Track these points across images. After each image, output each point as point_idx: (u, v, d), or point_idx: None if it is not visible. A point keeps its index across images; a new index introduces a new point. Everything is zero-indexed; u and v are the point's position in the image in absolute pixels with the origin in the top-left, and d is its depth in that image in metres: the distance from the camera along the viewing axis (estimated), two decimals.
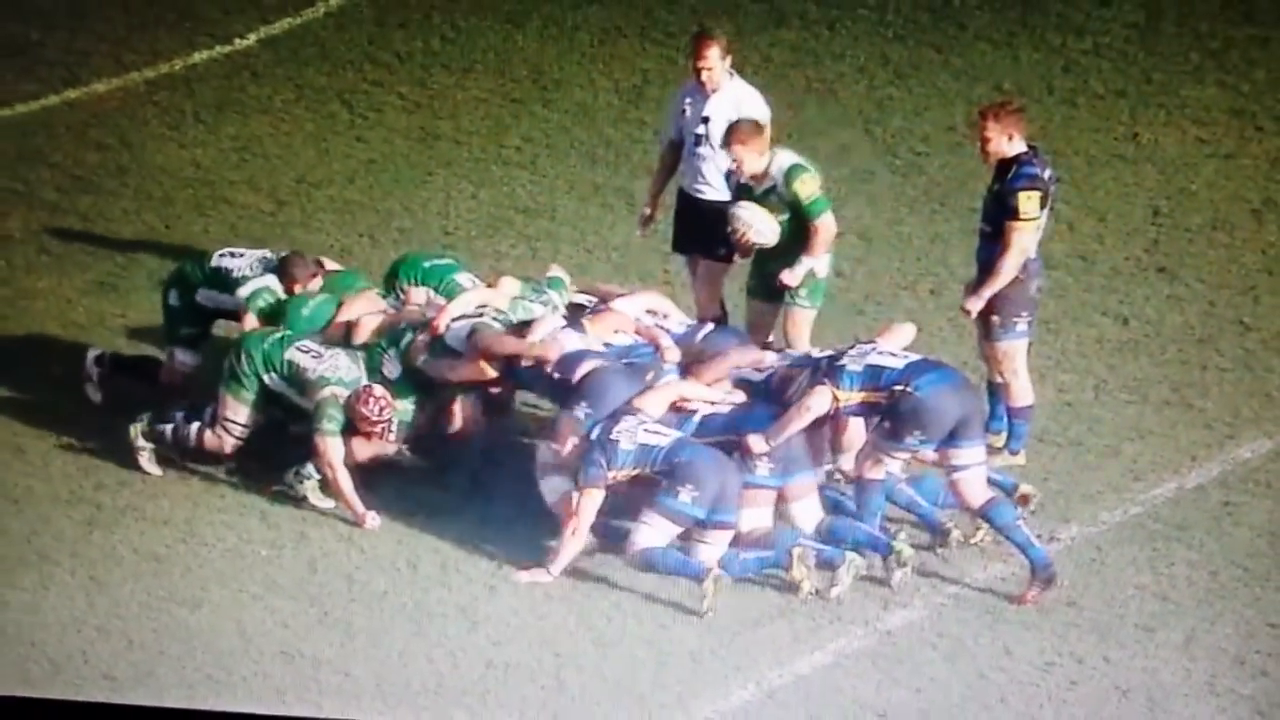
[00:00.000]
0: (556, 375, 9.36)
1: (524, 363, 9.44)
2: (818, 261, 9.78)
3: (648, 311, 9.74)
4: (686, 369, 9.46)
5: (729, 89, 10.20)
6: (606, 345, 9.53)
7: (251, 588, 9.18)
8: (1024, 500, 9.37)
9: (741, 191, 9.81)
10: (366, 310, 9.78)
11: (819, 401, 8.99)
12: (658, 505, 8.98)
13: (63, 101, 12.38)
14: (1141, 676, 8.74)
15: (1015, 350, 9.63)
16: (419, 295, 9.88)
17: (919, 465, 9.37)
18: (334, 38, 12.86)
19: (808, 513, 9.22)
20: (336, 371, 9.55)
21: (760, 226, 9.69)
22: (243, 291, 9.84)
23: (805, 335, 9.88)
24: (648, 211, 10.40)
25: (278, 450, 9.73)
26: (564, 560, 9.13)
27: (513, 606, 9.07)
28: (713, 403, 9.26)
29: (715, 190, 10.14)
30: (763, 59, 12.60)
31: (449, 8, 13.02)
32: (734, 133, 9.72)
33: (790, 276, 9.75)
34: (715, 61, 10.15)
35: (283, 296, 9.82)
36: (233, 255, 10.04)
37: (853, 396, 8.99)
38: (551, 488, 9.22)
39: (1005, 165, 9.44)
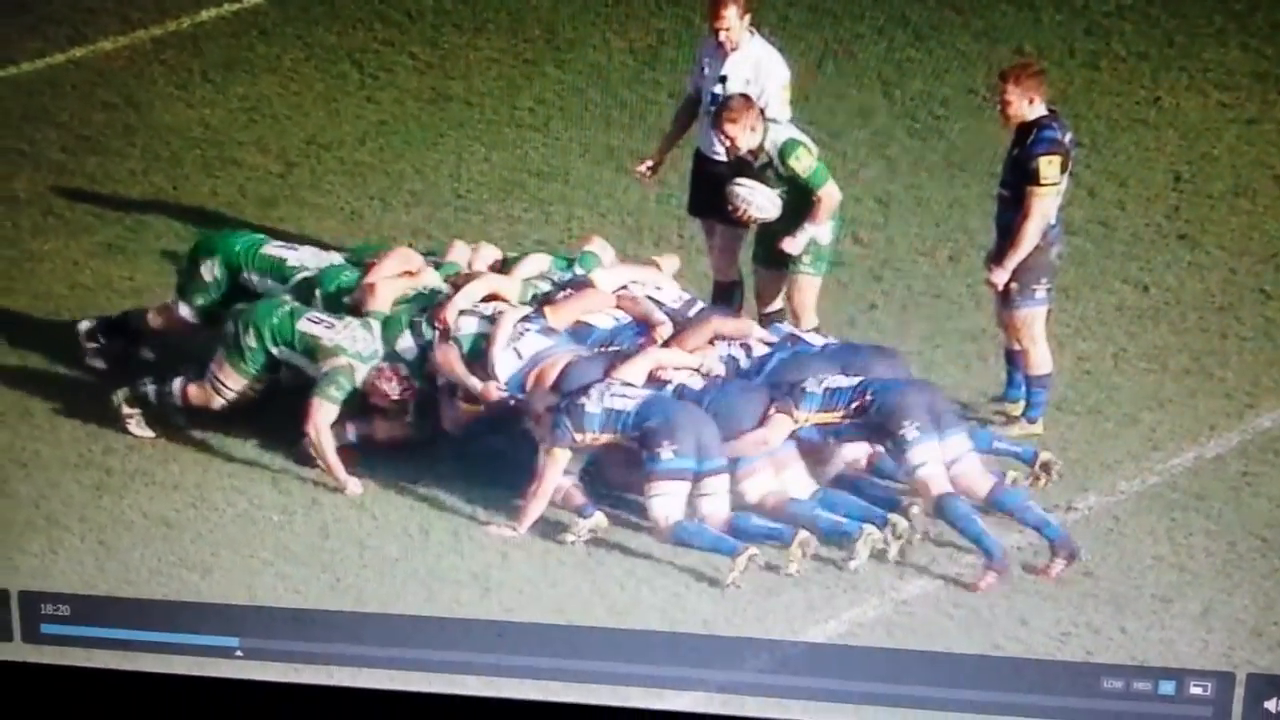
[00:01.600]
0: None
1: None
2: (820, 229, 9.72)
3: (634, 283, 9.64)
4: (668, 340, 9.40)
5: (747, 48, 10.11)
6: (583, 326, 9.42)
7: (263, 553, 9.13)
8: (1046, 467, 9.32)
9: (740, 167, 9.70)
10: (397, 269, 9.68)
11: (777, 434, 9.02)
12: (651, 472, 8.92)
13: (68, 60, 12.25)
14: (1158, 648, 8.69)
15: (1034, 317, 9.57)
16: (488, 253, 9.77)
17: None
18: None
19: (800, 482, 9.15)
20: (354, 344, 9.47)
21: (760, 202, 9.64)
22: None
23: (811, 302, 9.84)
24: (652, 161, 10.30)
25: (288, 417, 9.65)
26: (530, 517, 9.06)
27: (525, 574, 9.02)
28: (694, 370, 9.21)
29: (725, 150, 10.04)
30: (780, 19, 12.44)
31: None
32: (724, 110, 9.67)
33: (792, 244, 9.70)
34: (733, 21, 10.07)
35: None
36: (288, 247, 9.90)
37: (812, 418, 9.06)
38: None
39: (1025, 129, 9.37)
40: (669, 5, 12.74)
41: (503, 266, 10.05)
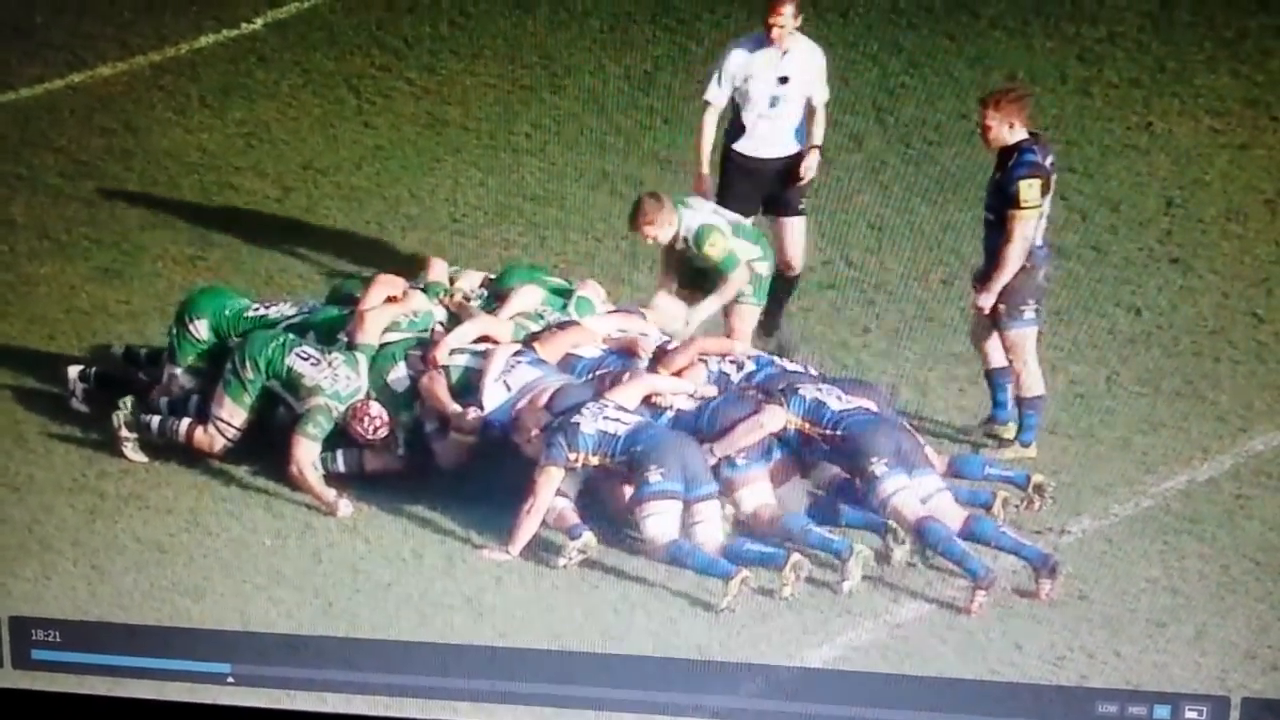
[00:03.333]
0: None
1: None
2: (723, 302, 9.99)
3: (620, 331, 9.72)
4: (655, 361, 9.44)
5: (798, 48, 10.26)
6: (571, 357, 9.49)
7: (256, 578, 9.13)
8: (1039, 490, 9.34)
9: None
10: (382, 297, 9.71)
11: (772, 419, 9.04)
12: (641, 496, 8.97)
13: (66, 85, 12.30)
14: (1152, 671, 8.68)
15: (1024, 339, 9.62)
16: (475, 276, 9.84)
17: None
18: (342, 22, 12.76)
19: (792, 490, 9.22)
20: (334, 383, 9.51)
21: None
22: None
23: (749, 331, 10.01)
24: (704, 172, 10.41)
25: (280, 441, 9.67)
26: (522, 539, 9.09)
27: (519, 599, 9.02)
28: (688, 394, 9.25)
29: (782, 148, 10.26)
30: None
31: None
32: (639, 215, 9.97)
33: (698, 313, 9.96)
34: (789, 20, 10.22)
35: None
36: (266, 305, 9.98)
37: (791, 421, 9.08)
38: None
39: (1006, 153, 9.47)
40: (665, 32, 12.80)
41: (492, 284, 10.08)
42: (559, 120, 12.04)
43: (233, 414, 9.57)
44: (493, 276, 10.19)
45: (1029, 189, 9.38)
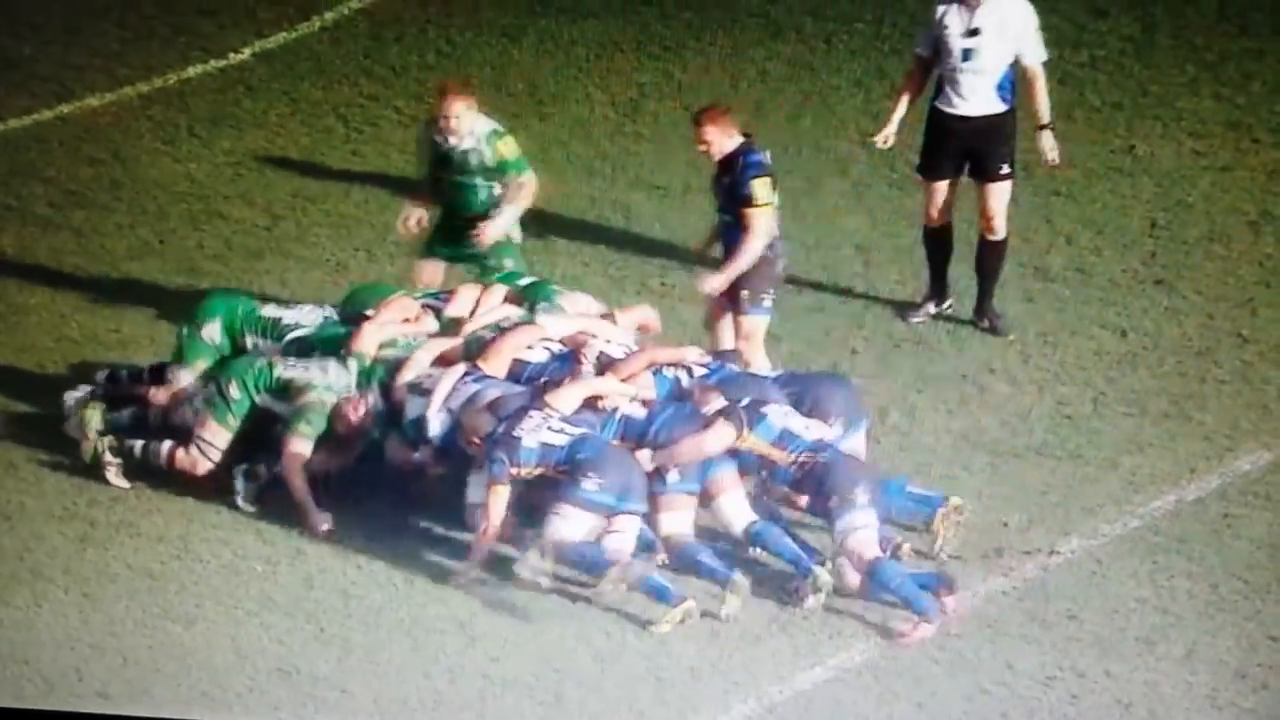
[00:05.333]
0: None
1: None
2: (516, 212, 10.07)
3: (583, 333, 9.66)
4: (604, 369, 9.44)
5: (996, 1, 10.27)
6: (518, 364, 9.46)
7: (247, 604, 9.12)
8: (958, 510, 9.31)
9: (443, 156, 9.97)
10: (395, 318, 9.74)
11: (715, 442, 9.06)
12: (567, 496, 9.00)
13: (56, 116, 12.34)
14: (1143, 690, 8.70)
15: (759, 325, 9.99)
16: (498, 293, 9.79)
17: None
18: (329, 52, 12.83)
19: (736, 509, 9.16)
20: (325, 377, 9.53)
21: None
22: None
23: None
24: (891, 130, 10.51)
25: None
26: (480, 552, 9.09)
27: (510, 622, 9.02)
28: (631, 399, 9.25)
29: (981, 104, 10.29)
30: (759, 72, 12.59)
31: (445, 22, 13.00)
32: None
33: (491, 230, 9.98)
34: None
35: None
36: (286, 307, 9.99)
37: (758, 446, 9.03)
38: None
39: (730, 159, 9.91)
40: (650, 60, 12.88)
41: (520, 296, 10.04)
42: (546, 147, 12.09)
43: (216, 435, 9.57)
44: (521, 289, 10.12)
45: (762, 187, 9.85)
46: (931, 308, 10.81)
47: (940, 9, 10.38)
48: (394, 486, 9.62)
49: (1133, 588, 9.20)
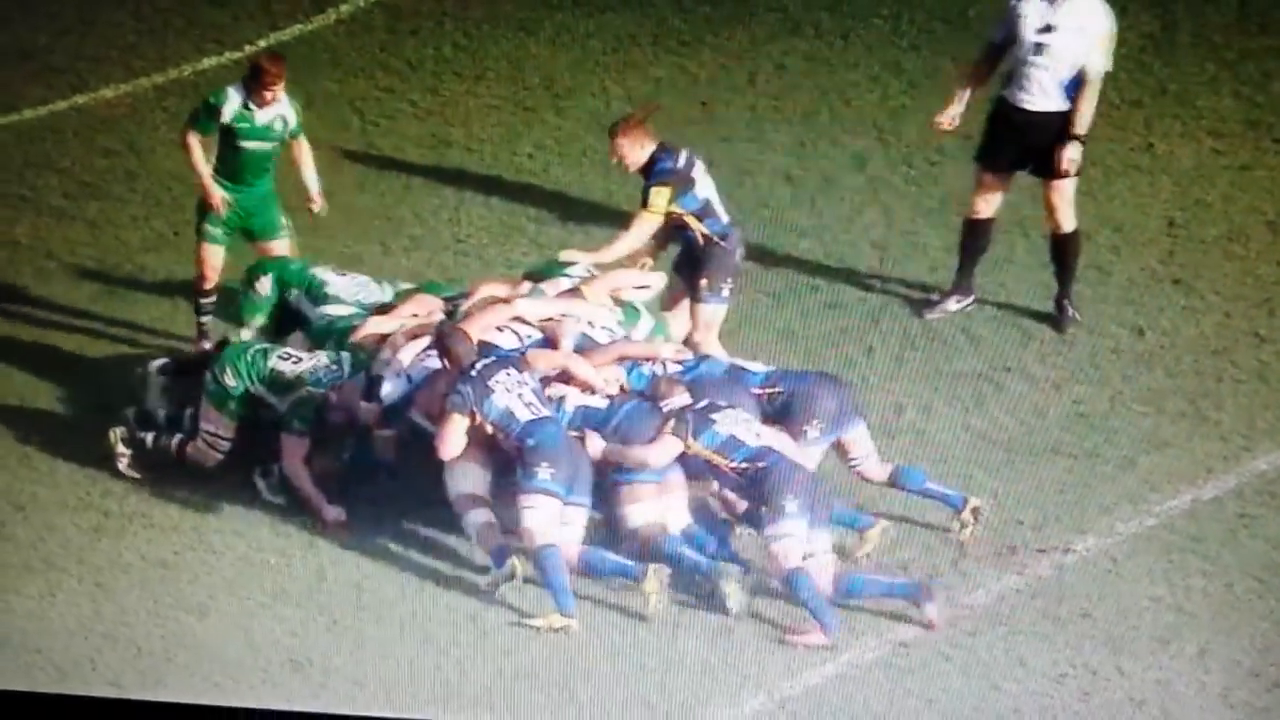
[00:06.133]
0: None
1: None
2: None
3: (565, 316, 9.64)
4: (581, 353, 9.43)
5: (1077, 3, 10.22)
6: (487, 345, 9.45)
7: (260, 596, 9.13)
8: (975, 513, 9.31)
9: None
10: (408, 314, 9.77)
11: (662, 455, 9.12)
12: (526, 486, 9.00)
13: (71, 107, 12.34)
14: (1155, 689, 8.69)
15: (716, 314, 10.03)
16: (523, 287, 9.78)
17: None
18: (345, 45, 12.82)
19: (674, 512, 9.18)
20: (315, 373, 9.57)
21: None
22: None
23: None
24: (956, 111, 10.45)
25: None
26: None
27: (522, 615, 9.01)
28: (592, 390, 9.26)
29: (1046, 100, 10.23)
30: (776, 68, 12.57)
31: (461, 15, 12.98)
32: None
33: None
34: None
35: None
36: (334, 271, 10.08)
37: (702, 453, 9.10)
38: (471, 521, 9.13)
39: (646, 167, 10.06)
40: (666, 54, 12.86)
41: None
42: (562, 141, 12.08)
43: (219, 424, 9.60)
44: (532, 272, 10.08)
45: (656, 195, 10.00)
46: (952, 304, 10.76)
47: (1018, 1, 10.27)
48: (406, 480, 9.62)
49: (1147, 586, 9.18)
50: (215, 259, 10.38)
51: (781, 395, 9.41)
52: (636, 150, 10.00)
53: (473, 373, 9.14)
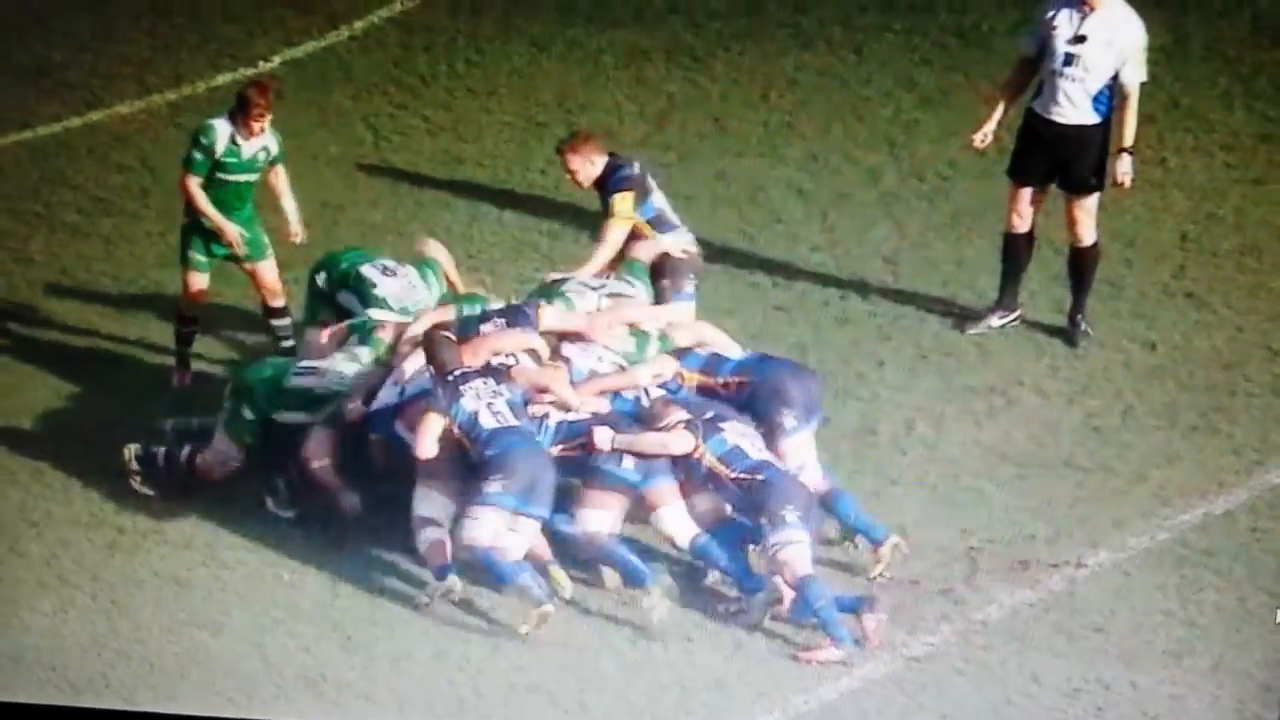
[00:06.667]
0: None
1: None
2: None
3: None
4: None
5: (1108, 9, 10.20)
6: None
7: (273, 611, 9.15)
8: (895, 549, 9.26)
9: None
10: (428, 323, 9.83)
11: (680, 443, 9.17)
12: (474, 497, 9.05)
13: (85, 123, 12.39)
14: (1169, 703, 8.68)
15: (688, 312, 9.99)
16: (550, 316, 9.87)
17: None
18: (358, 61, 12.86)
19: (678, 522, 9.20)
20: (342, 381, 9.64)
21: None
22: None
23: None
24: (989, 129, 10.42)
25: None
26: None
27: (538, 630, 9.02)
28: (568, 409, 9.28)
29: (1075, 113, 10.23)
30: (789, 83, 12.58)
31: (473, 31, 13.02)
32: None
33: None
34: None
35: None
36: (383, 271, 10.15)
37: (707, 459, 9.19)
38: (423, 538, 9.16)
39: (600, 180, 10.21)
40: (679, 70, 12.87)
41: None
42: None
43: (229, 447, 9.67)
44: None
45: (620, 201, 10.17)
46: (995, 319, 10.70)
47: (1050, 10, 10.27)
48: (409, 494, 9.62)
49: (1160, 600, 9.17)
50: (199, 285, 10.43)
51: (749, 386, 9.42)
52: (588, 166, 10.21)
53: (449, 377, 9.20)
